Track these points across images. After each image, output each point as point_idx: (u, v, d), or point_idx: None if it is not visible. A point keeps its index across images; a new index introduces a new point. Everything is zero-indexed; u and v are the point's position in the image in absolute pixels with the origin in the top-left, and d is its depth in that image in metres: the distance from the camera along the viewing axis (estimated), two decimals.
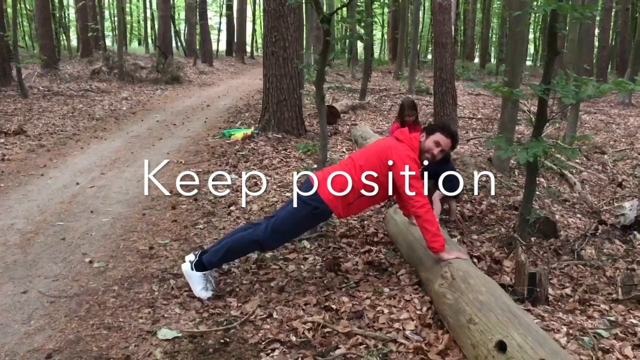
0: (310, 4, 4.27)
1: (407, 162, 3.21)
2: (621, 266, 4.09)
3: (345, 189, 3.26)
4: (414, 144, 3.36)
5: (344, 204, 3.30)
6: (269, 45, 8.22)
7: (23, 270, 3.63)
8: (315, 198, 3.27)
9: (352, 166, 3.33)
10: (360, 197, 3.32)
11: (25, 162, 6.57)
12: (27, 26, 29.10)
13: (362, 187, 3.28)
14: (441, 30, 9.95)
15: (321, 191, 3.27)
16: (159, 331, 2.90)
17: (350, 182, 3.26)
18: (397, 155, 3.24)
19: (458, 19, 28.54)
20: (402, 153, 3.25)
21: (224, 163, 6.79)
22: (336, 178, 3.30)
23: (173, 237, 4.34)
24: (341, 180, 3.28)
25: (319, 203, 3.27)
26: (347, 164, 3.39)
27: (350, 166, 3.34)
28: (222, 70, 23.03)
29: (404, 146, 3.31)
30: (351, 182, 3.26)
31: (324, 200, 3.26)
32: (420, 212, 3.15)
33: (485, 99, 14.89)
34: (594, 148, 8.98)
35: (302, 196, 3.31)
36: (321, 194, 3.27)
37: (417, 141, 3.39)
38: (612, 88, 3.47)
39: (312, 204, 3.28)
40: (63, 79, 14.73)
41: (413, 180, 3.17)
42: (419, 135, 3.45)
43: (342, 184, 3.27)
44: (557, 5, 3.53)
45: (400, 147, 3.30)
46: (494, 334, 2.38)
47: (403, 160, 3.21)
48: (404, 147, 3.30)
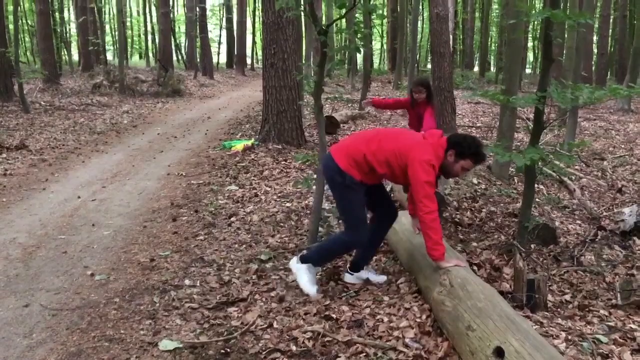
0: (307, 16, 4.32)
1: (424, 167, 3.16)
2: (621, 272, 4.10)
3: (357, 158, 3.31)
4: (438, 152, 3.26)
5: (361, 172, 3.33)
6: (268, 57, 8.29)
7: (25, 284, 3.66)
8: (338, 171, 3.34)
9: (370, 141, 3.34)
10: (373, 172, 3.33)
11: (27, 177, 6.61)
12: (28, 42, 29.29)
13: (375, 164, 3.29)
14: (439, 40, 10.01)
15: (338, 161, 3.35)
16: (160, 342, 2.92)
17: (362, 155, 3.30)
18: (417, 157, 3.18)
19: (457, 28, 28.66)
20: (422, 157, 3.18)
21: (224, 174, 6.82)
22: (350, 148, 3.37)
23: (174, 248, 4.36)
24: (354, 150, 3.34)
25: (340, 174, 3.33)
26: (368, 137, 3.40)
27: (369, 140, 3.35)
28: (222, 83, 23.13)
29: (427, 149, 3.23)
30: (363, 155, 3.30)
31: (343, 169, 3.32)
32: (426, 218, 3.15)
33: (484, 107, 14.94)
34: (594, 154, 9.00)
35: (328, 175, 3.41)
36: (339, 164, 3.34)
37: (442, 152, 3.27)
38: (606, 94, 3.50)
39: (337, 178, 3.35)
40: (64, 93, 14.83)
41: (426, 186, 3.15)
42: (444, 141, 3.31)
43: (354, 153, 3.32)
44: (550, 13, 3.57)
45: (422, 150, 3.22)
46: (492, 340, 2.39)
47: (421, 164, 3.16)
48: (426, 150, 3.22)
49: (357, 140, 3.43)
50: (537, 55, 30.74)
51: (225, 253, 4.27)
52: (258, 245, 4.43)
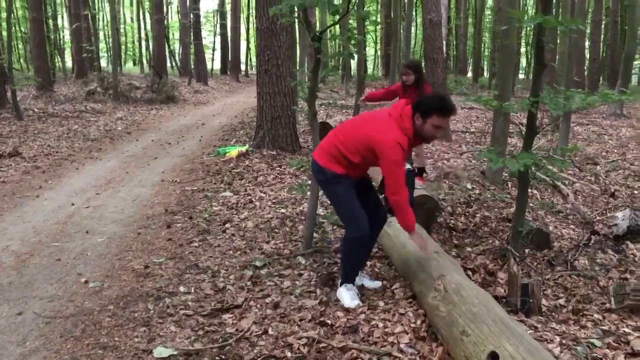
0: (301, 23, 4.34)
1: (390, 146, 3.11)
2: (614, 276, 4.12)
3: (333, 152, 3.36)
4: (404, 124, 3.17)
5: (341, 165, 3.35)
6: (262, 63, 8.30)
7: (18, 292, 3.64)
8: (319, 169, 3.40)
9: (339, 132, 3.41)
10: (350, 163, 3.33)
11: (20, 184, 6.58)
12: (22, 49, 29.24)
13: (348, 154, 3.30)
14: (432, 46, 10.07)
15: (318, 159, 3.41)
16: (155, 350, 2.90)
17: (335, 147, 3.35)
18: (381, 139, 3.14)
19: (450, 34, 28.81)
20: (386, 137, 3.13)
21: (219, 181, 6.82)
22: (325, 144, 3.44)
23: (168, 255, 4.35)
24: (328, 145, 3.40)
25: (322, 171, 3.39)
26: (338, 129, 3.47)
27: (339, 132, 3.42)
28: (216, 89, 23.14)
29: (391, 127, 3.17)
30: (336, 148, 3.34)
31: (324, 167, 3.37)
32: (391, 198, 3.19)
33: (478, 112, 14.99)
34: (587, 159, 9.04)
35: (314, 176, 3.52)
36: (319, 162, 3.40)
37: (409, 120, 3.17)
38: (598, 100, 3.53)
39: (320, 177, 3.42)
40: (58, 100, 14.78)
41: (393, 166, 3.13)
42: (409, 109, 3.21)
43: (329, 148, 3.39)
44: (542, 19, 3.60)
45: (386, 130, 3.16)
46: (487, 345, 2.40)
47: (385, 145, 3.12)
48: (389, 129, 3.16)
49: (330, 135, 3.48)
50: (530, 61, 30.89)
51: (219, 259, 4.27)
52: (253, 252, 4.43)
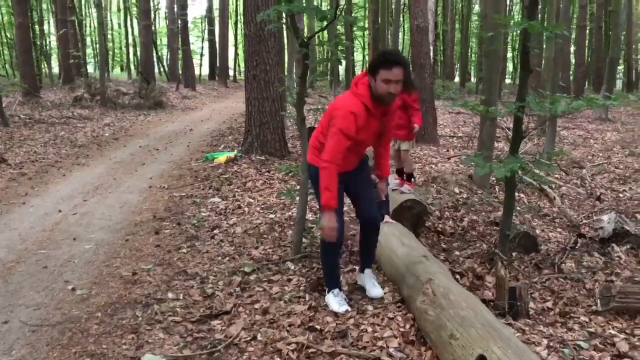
0: (289, 29, 4.35)
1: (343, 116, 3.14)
2: (600, 278, 4.16)
3: (316, 145, 3.44)
4: (358, 90, 3.20)
5: None
6: (250, 69, 8.31)
7: (4, 300, 3.60)
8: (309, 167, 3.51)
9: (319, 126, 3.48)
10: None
11: (6, 191, 6.52)
12: (7, 54, 29.02)
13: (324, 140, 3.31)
14: (419, 52, 10.12)
15: (308, 159, 3.52)
16: (143, 357, 2.88)
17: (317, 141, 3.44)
18: (336, 108, 3.23)
19: (437, 39, 28.98)
20: (341, 106, 3.20)
21: (207, 187, 6.80)
22: (310, 141, 3.53)
23: (156, 262, 4.33)
24: (312, 141, 3.50)
25: (310, 168, 3.48)
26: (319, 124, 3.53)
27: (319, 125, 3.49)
28: (205, 95, 23.10)
29: (347, 99, 3.22)
30: (317, 140, 3.43)
31: (310, 162, 3.48)
32: (322, 163, 3.21)
33: (465, 117, 15.10)
34: (573, 163, 9.14)
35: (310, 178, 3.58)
36: (308, 160, 3.52)
37: (363, 86, 3.19)
38: (583, 105, 3.57)
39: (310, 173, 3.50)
40: (45, 106, 14.66)
41: (338, 133, 3.14)
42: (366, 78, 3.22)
43: (313, 143, 3.49)
44: (528, 25, 3.64)
45: (343, 102, 3.22)
46: (475, 348, 2.41)
47: (339, 113, 3.17)
48: (346, 101, 3.21)
49: (314, 131, 3.55)
50: (516, 66, 31.18)
51: (208, 266, 4.25)
52: (241, 258, 4.42)
